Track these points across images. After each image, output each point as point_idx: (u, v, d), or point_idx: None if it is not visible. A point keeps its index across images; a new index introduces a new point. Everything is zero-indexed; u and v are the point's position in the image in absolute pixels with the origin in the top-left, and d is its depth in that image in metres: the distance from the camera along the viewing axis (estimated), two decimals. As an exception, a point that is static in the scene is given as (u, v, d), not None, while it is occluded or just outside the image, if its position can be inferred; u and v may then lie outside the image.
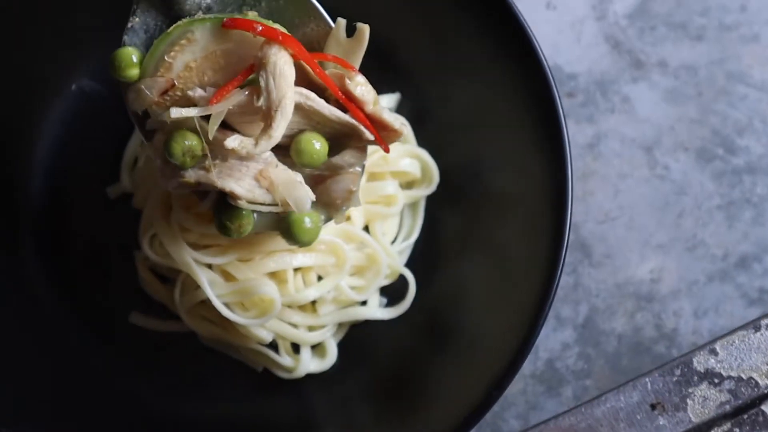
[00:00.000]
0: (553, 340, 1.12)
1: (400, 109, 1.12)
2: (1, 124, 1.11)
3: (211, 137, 0.85)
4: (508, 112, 1.04)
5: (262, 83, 0.83)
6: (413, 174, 1.10)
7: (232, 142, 0.84)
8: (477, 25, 1.04)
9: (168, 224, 1.03)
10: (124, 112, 1.11)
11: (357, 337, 1.10)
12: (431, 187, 1.10)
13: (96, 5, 1.08)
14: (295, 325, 1.06)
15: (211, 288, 1.02)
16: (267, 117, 0.84)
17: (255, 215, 0.90)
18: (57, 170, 1.14)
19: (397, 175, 1.10)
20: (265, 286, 1.02)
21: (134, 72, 0.87)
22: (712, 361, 0.97)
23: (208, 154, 0.87)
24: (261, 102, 0.83)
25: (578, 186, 1.13)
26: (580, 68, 1.18)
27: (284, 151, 0.88)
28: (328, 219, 0.94)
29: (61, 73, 1.15)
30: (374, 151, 1.05)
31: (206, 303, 1.04)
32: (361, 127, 0.87)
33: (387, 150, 0.90)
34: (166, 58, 0.86)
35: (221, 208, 0.90)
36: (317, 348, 1.09)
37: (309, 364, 1.07)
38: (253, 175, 0.88)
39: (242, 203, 0.88)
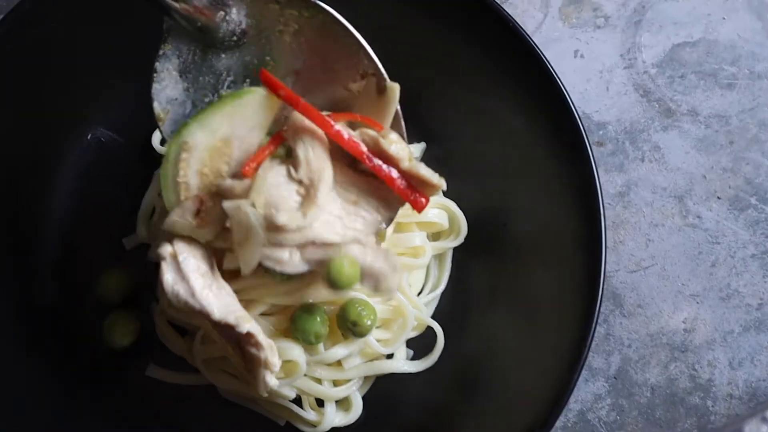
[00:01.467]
0: (584, 391, 1.10)
1: (425, 159, 1.11)
2: (17, 174, 1.09)
3: (260, 207, 0.82)
4: (537, 162, 1.04)
5: (301, 154, 0.82)
6: (441, 225, 1.09)
7: (282, 217, 0.82)
8: (504, 73, 1.04)
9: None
10: (140, 161, 1.11)
11: (383, 389, 1.08)
12: (459, 239, 1.09)
13: (111, 55, 1.08)
14: (319, 381, 1.05)
15: (234, 342, 1.00)
16: (309, 188, 0.82)
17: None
18: (73, 220, 1.12)
19: (424, 225, 1.09)
20: (291, 349, 1.00)
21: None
22: (765, 429, 0.96)
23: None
24: (300, 173, 0.82)
25: (609, 235, 1.13)
26: (609, 117, 1.17)
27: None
28: None
29: (76, 123, 1.14)
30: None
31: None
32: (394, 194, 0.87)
33: (419, 211, 0.89)
34: (179, 180, 0.85)
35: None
36: (342, 401, 1.07)
37: (333, 418, 1.05)
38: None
39: None
